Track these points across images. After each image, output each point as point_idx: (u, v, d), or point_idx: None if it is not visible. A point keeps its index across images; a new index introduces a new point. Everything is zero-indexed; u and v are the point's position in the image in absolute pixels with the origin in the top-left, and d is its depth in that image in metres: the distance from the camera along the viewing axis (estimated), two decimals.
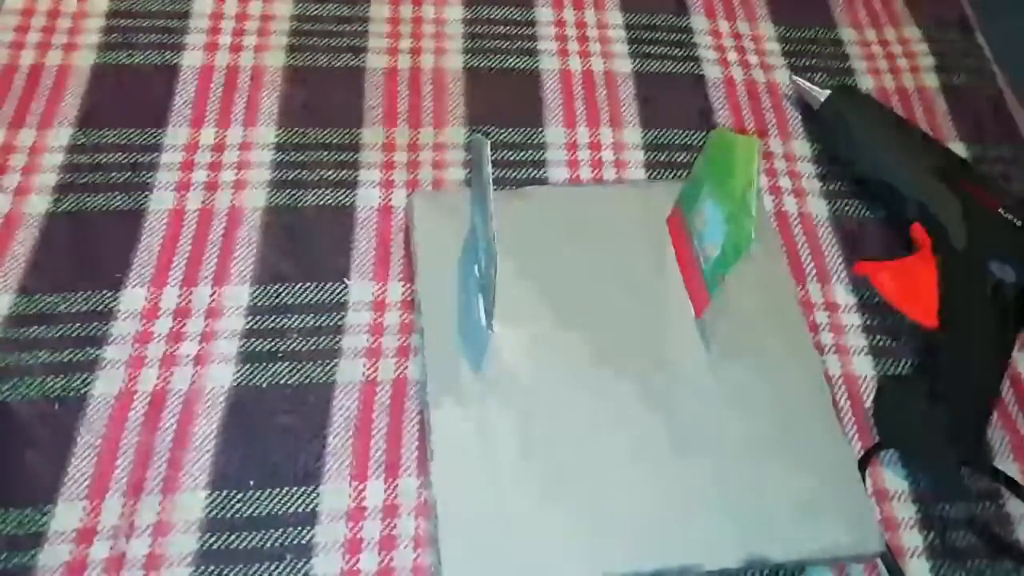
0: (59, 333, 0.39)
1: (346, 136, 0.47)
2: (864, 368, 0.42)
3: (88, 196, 0.43)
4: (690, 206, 0.41)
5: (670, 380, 0.38)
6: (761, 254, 0.42)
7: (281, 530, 0.35)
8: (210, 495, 0.36)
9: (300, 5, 0.52)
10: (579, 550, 0.34)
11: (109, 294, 0.40)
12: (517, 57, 0.52)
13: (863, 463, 0.38)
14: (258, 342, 0.40)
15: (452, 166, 0.47)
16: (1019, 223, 0.43)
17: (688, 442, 0.37)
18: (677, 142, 0.49)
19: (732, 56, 0.54)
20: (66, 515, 0.35)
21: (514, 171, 0.47)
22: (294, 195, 0.45)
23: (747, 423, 0.37)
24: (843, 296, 0.45)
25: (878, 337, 0.43)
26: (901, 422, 0.40)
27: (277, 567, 0.35)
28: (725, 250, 0.36)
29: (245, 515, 0.36)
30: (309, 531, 0.35)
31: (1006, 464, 0.40)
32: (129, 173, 0.44)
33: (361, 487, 0.37)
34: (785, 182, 0.48)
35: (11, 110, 0.46)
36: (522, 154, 0.48)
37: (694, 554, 0.34)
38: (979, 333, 0.41)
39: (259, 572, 0.35)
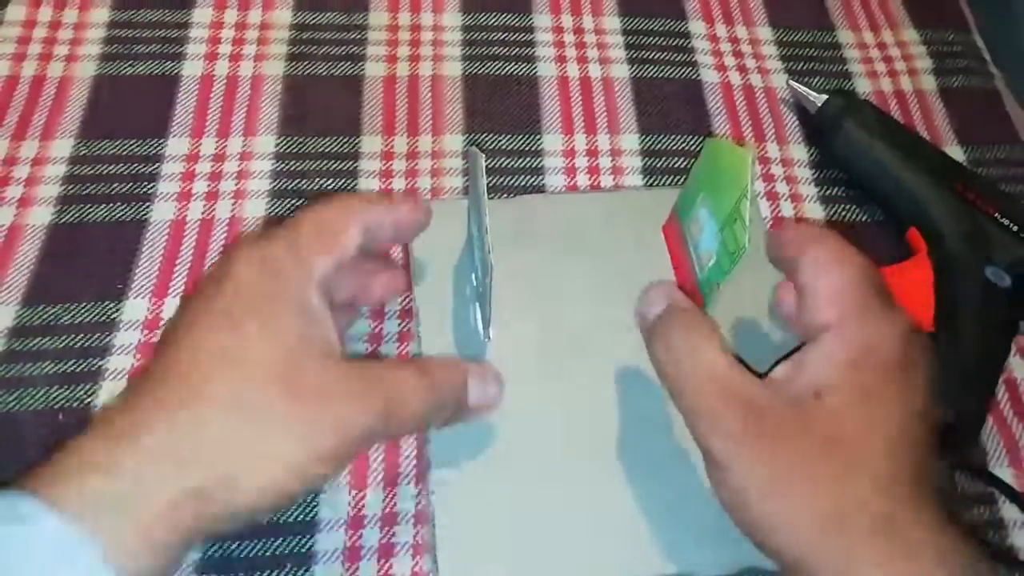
0: (62, 344, 0.40)
1: (345, 144, 0.47)
2: None
3: (90, 207, 0.44)
4: (686, 214, 0.41)
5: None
6: (757, 261, 0.42)
7: (281, 538, 0.36)
8: None
9: (299, 14, 0.52)
10: (576, 557, 0.35)
11: (112, 305, 0.41)
12: (515, 64, 0.52)
13: None
14: None
15: (450, 174, 0.47)
16: (1016, 228, 0.43)
17: (684, 450, 0.37)
18: (675, 147, 0.49)
19: (729, 61, 0.54)
20: None
21: (512, 178, 0.47)
22: (294, 204, 0.45)
23: None
24: None
25: None
26: None
27: (277, 575, 0.35)
28: (720, 258, 0.37)
29: None
30: (309, 539, 0.36)
31: (1001, 469, 0.40)
32: (130, 184, 0.45)
33: (360, 495, 0.37)
34: (782, 187, 0.48)
35: (13, 122, 0.46)
36: (520, 161, 0.48)
37: (689, 561, 0.35)
38: (975, 338, 0.41)
39: None
